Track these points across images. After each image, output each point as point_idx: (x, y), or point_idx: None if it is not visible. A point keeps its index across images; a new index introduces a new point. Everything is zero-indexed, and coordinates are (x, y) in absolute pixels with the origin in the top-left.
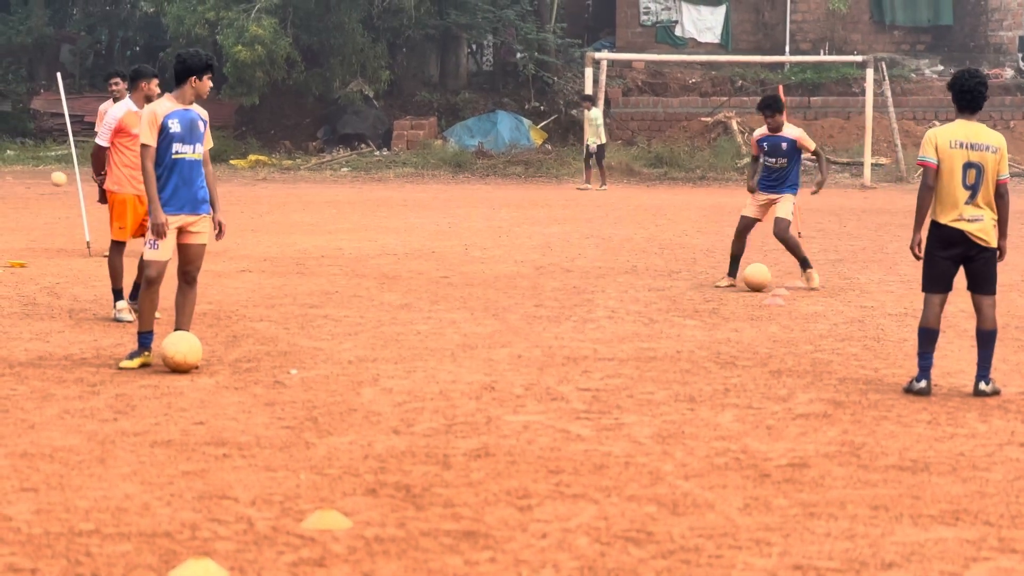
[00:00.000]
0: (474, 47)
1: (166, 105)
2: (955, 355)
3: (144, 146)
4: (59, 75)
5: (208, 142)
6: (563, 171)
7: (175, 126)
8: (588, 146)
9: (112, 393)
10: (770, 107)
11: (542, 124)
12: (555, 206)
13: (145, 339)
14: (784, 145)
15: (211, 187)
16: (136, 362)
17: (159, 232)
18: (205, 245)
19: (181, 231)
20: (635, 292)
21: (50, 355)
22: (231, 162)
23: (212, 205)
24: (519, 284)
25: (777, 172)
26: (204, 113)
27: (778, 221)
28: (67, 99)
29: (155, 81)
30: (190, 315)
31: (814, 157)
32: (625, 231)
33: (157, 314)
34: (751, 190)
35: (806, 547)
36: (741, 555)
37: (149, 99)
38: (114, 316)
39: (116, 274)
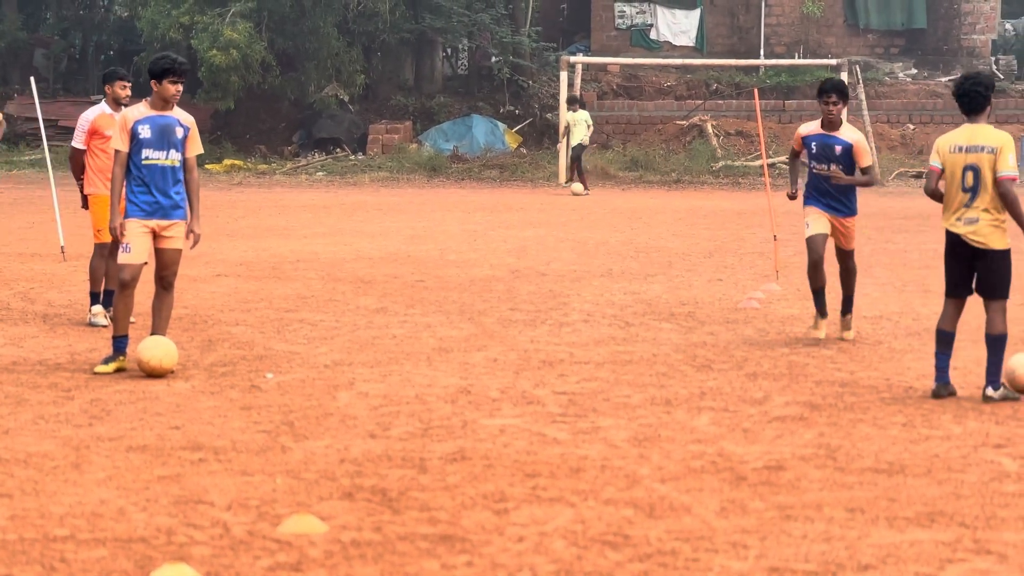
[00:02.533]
0: (449, 51)
1: (140, 110)
2: (930, 358)
3: (116, 151)
4: (32, 80)
5: (196, 148)
6: (538, 175)
7: (145, 132)
8: (577, 146)
9: (87, 398)
10: (836, 91)
11: (517, 128)
12: (530, 210)
13: (120, 343)
14: (838, 149)
15: (192, 194)
16: (111, 367)
17: (115, 235)
18: (180, 250)
19: (156, 236)
20: (611, 295)
21: (24, 360)
22: (206, 167)
23: (191, 211)
24: (494, 288)
25: (829, 183)
26: (187, 118)
27: (847, 255)
28: (41, 104)
29: (119, 83)
30: (166, 320)
31: (864, 176)
32: (600, 234)
33: (132, 319)
34: (791, 195)
35: (782, 550)
36: (718, 558)
37: (117, 101)
38: (89, 320)
39: (95, 277)
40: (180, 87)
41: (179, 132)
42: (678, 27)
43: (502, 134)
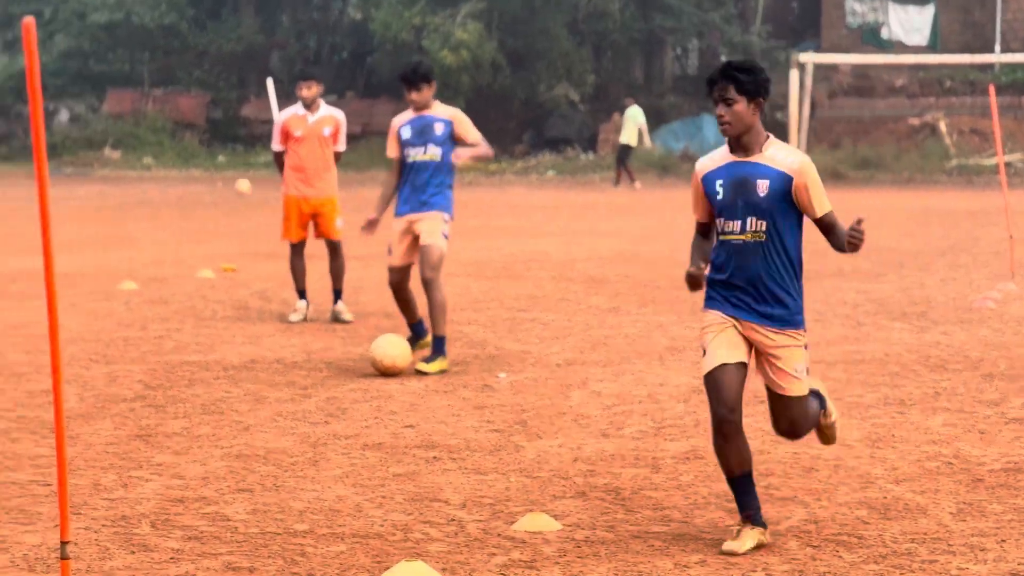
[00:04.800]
0: (679, 50)
1: (405, 116)
2: None
3: (390, 159)
4: (270, 80)
5: (469, 135)
6: None
7: (406, 133)
8: (628, 145)
9: (323, 396)
10: (733, 79)
11: None
12: None
13: (417, 328)
14: (762, 188)
15: (475, 149)
16: (433, 366)
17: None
18: (434, 247)
19: (416, 237)
20: (842, 294)
21: (262, 358)
22: None
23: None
24: None
25: (743, 256)
26: (447, 113)
27: (789, 409)
28: (278, 105)
29: (298, 84)
30: (436, 318)
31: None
32: None
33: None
34: (693, 277)
35: (1022, 553)
36: (955, 560)
37: (303, 103)
38: (289, 316)
39: (293, 275)
40: (414, 93)
41: (438, 128)
42: (910, 24)
43: None
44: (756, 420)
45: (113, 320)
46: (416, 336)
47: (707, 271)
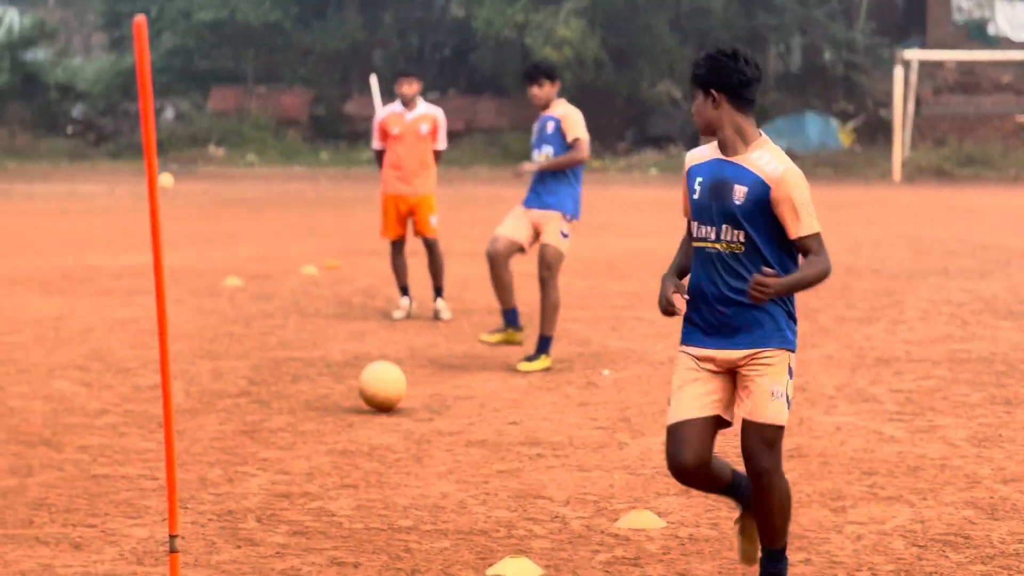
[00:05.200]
0: (781, 47)
1: (537, 120)
2: None
3: None
4: (374, 77)
5: (572, 132)
6: (872, 172)
7: (532, 137)
8: None
9: (427, 393)
10: (704, 69)
11: (852, 126)
12: (864, 207)
13: (508, 316)
14: (739, 194)
15: (556, 161)
16: (495, 337)
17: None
18: (551, 247)
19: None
20: (947, 293)
21: (365, 355)
22: None
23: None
24: (829, 285)
25: (716, 267)
26: (559, 111)
27: (757, 432)
28: (382, 102)
29: (399, 80)
30: (546, 318)
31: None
32: (935, 232)
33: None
34: (668, 305)
35: None
36: None
37: (401, 99)
38: (392, 313)
39: (395, 272)
40: (534, 87)
41: (550, 127)
42: (1017, 20)
43: (835, 131)
44: (860, 418)
45: (218, 316)
46: (507, 323)
47: (683, 301)
